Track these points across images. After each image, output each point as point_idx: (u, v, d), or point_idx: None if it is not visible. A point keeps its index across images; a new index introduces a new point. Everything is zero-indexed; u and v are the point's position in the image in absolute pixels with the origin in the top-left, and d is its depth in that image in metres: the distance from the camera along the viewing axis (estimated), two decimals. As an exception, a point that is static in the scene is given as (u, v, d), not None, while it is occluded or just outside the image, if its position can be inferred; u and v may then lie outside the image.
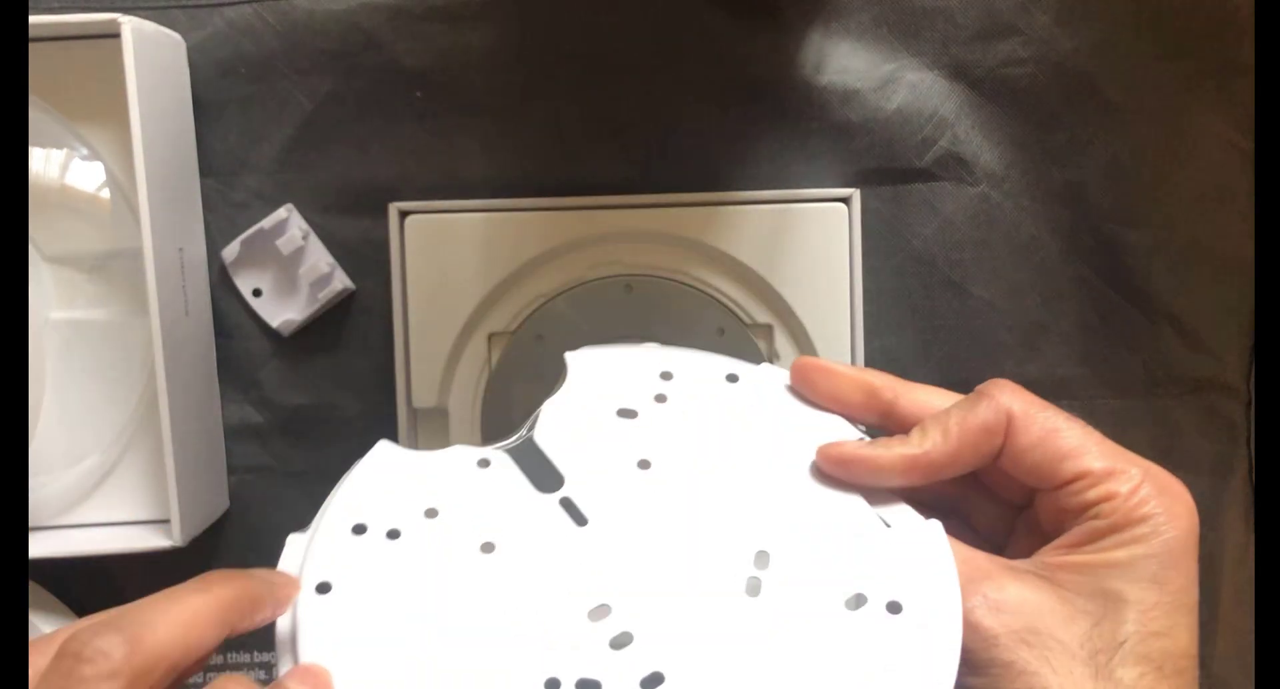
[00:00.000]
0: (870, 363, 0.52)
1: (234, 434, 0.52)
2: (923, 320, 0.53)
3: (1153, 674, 0.24)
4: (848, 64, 0.51)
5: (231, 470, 0.52)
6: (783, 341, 0.51)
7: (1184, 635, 0.25)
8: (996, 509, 0.29)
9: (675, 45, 0.51)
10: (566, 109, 0.51)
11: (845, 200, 0.50)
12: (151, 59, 0.46)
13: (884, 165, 0.52)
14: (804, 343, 0.50)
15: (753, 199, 0.50)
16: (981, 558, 0.26)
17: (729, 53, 0.51)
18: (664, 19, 0.51)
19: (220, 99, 0.51)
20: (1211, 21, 0.52)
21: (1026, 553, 0.27)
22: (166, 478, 0.46)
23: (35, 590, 0.50)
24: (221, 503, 0.52)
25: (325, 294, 0.51)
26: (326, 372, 0.52)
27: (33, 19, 0.45)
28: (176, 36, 0.49)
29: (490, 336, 0.50)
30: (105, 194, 0.48)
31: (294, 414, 0.52)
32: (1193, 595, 0.25)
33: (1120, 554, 0.25)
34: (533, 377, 0.51)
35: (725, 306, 0.50)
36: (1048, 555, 0.27)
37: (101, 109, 0.48)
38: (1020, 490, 0.28)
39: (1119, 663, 0.24)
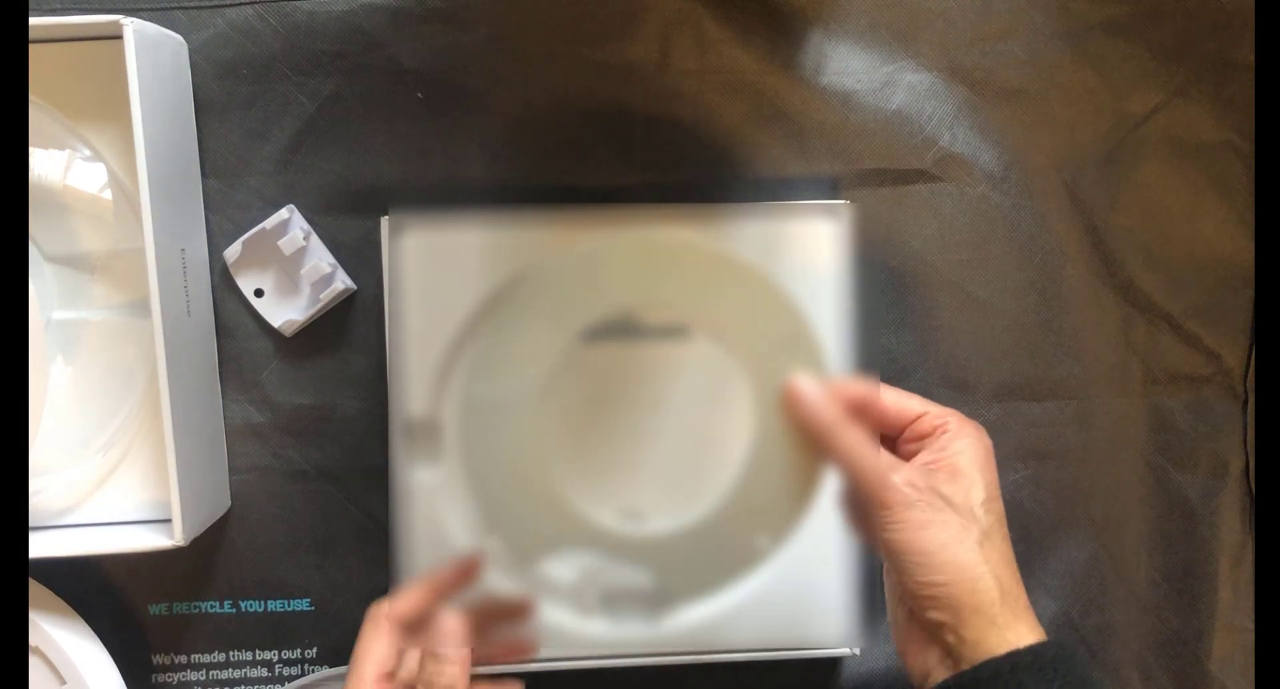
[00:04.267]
0: (870, 363, 0.52)
1: (235, 434, 0.52)
2: (923, 320, 0.53)
3: (995, 515, 0.40)
4: (847, 65, 0.52)
5: (233, 470, 0.52)
6: None
7: (999, 494, 0.41)
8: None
9: (674, 47, 0.51)
10: (566, 109, 0.51)
11: (837, 211, 0.50)
12: (153, 60, 0.46)
13: (884, 166, 0.52)
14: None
15: (745, 211, 0.50)
16: (891, 457, 0.41)
17: (728, 54, 0.51)
18: (663, 21, 0.51)
19: (222, 100, 0.51)
20: (1211, 21, 0.52)
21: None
22: (168, 477, 0.46)
23: (36, 590, 0.50)
24: (223, 502, 0.52)
25: (327, 294, 0.51)
26: (328, 371, 0.52)
27: (35, 20, 0.45)
28: (178, 38, 0.49)
29: (483, 349, 0.50)
30: (107, 195, 0.49)
31: (295, 414, 0.52)
32: (994, 471, 0.41)
33: (959, 452, 0.40)
34: (526, 388, 0.51)
35: (717, 319, 0.50)
36: (922, 461, 0.41)
37: (104, 110, 0.48)
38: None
39: (981, 511, 0.40)
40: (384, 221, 0.49)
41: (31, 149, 0.48)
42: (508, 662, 0.48)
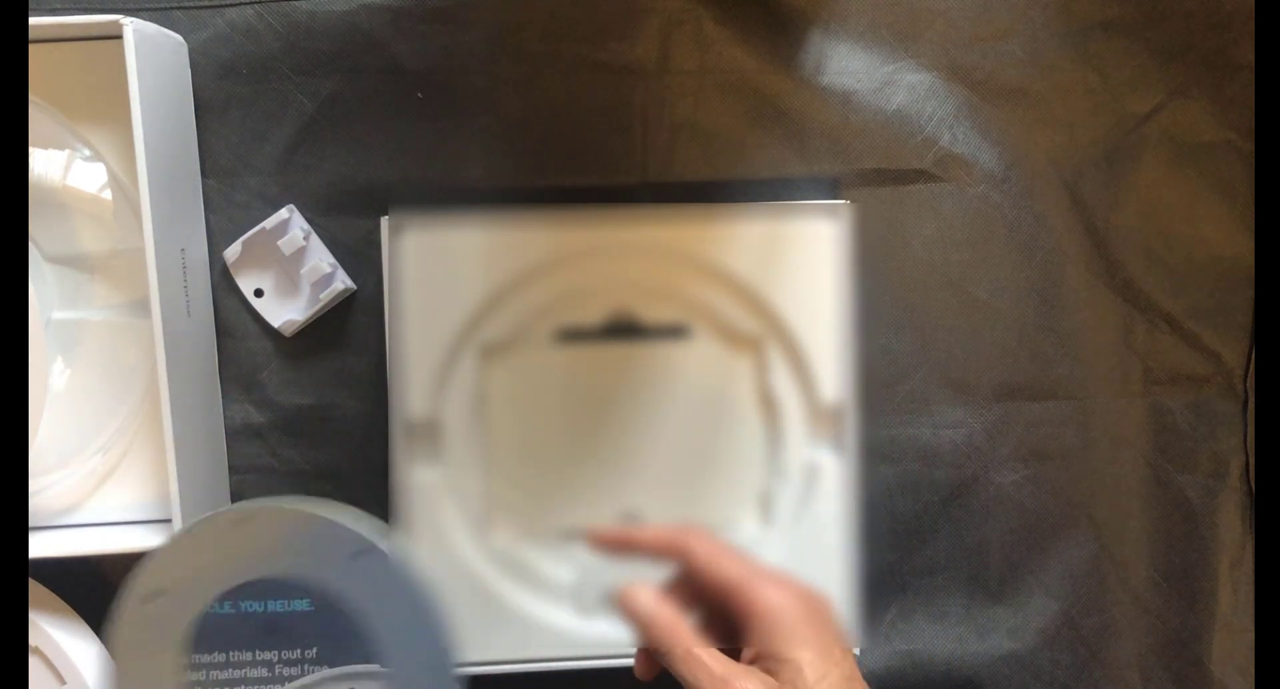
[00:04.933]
0: (870, 363, 0.52)
1: (235, 434, 0.52)
2: (922, 320, 0.53)
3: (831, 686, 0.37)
4: (847, 65, 0.52)
5: (233, 470, 0.52)
6: (775, 354, 0.51)
7: (836, 656, 0.38)
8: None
9: (674, 47, 0.51)
10: (566, 109, 0.51)
11: (837, 211, 0.50)
12: (153, 60, 0.46)
13: (884, 166, 0.52)
14: (796, 355, 0.50)
15: (745, 211, 0.50)
16: (735, 665, 0.38)
17: (728, 54, 0.51)
18: (663, 21, 0.51)
19: (222, 100, 0.51)
20: (1211, 21, 0.52)
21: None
22: (168, 478, 0.46)
23: (36, 590, 0.50)
24: (223, 503, 0.52)
25: (327, 294, 0.51)
26: (328, 372, 0.52)
27: (35, 20, 0.45)
28: (178, 38, 0.49)
29: (483, 349, 0.50)
30: (107, 194, 0.49)
31: (295, 414, 0.52)
32: (833, 641, 0.38)
33: (779, 637, 0.38)
34: (526, 388, 0.51)
35: (717, 319, 0.50)
36: (747, 656, 0.39)
37: (103, 110, 0.48)
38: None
39: None
40: (384, 221, 0.49)
41: (31, 149, 0.48)
42: None
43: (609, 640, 0.51)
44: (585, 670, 0.51)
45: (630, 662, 0.51)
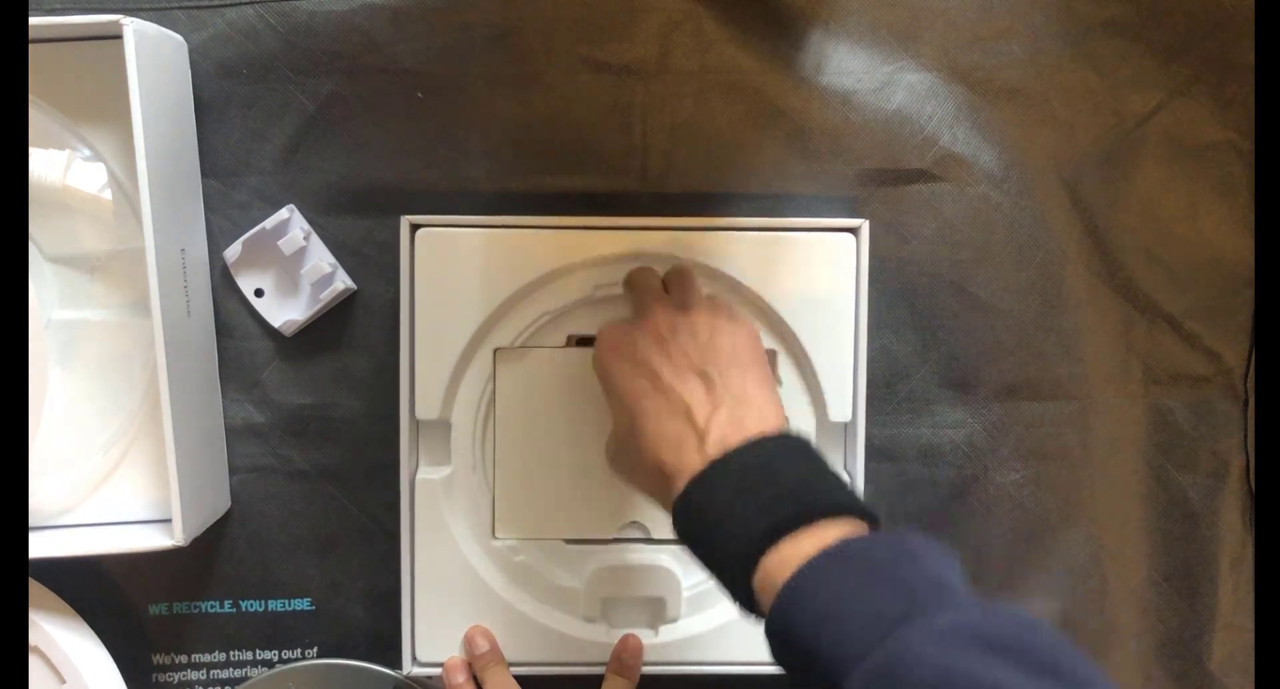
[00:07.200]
0: (870, 363, 0.52)
1: (236, 434, 0.52)
2: (923, 320, 0.53)
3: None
4: (847, 65, 0.52)
5: (233, 470, 0.52)
6: (786, 367, 0.51)
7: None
8: None
9: (674, 47, 0.51)
10: (566, 109, 0.51)
11: (854, 230, 0.50)
12: (153, 60, 0.46)
13: (884, 166, 0.52)
14: (807, 370, 0.50)
15: (760, 225, 0.50)
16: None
17: (728, 54, 0.51)
18: (663, 21, 0.51)
19: (222, 100, 0.51)
20: (1211, 21, 0.52)
21: None
22: (168, 478, 0.46)
23: (36, 590, 0.50)
24: (223, 502, 0.52)
25: (327, 294, 0.51)
26: (328, 371, 0.52)
27: (35, 20, 0.45)
28: (178, 38, 0.49)
29: (495, 351, 0.50)
30: (107, 195, 0.49)
31: (296, 414, 0.52)
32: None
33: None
34: (536, 392, 0.51)
35: None
36: None
37: (104, 110, 0.48)
38: None
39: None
40: (404, 221, 0.49)
41: (31, 149, 0.48)
42: None
43: (609, 648, 0.51)
44: (587, 676, 0.51)
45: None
